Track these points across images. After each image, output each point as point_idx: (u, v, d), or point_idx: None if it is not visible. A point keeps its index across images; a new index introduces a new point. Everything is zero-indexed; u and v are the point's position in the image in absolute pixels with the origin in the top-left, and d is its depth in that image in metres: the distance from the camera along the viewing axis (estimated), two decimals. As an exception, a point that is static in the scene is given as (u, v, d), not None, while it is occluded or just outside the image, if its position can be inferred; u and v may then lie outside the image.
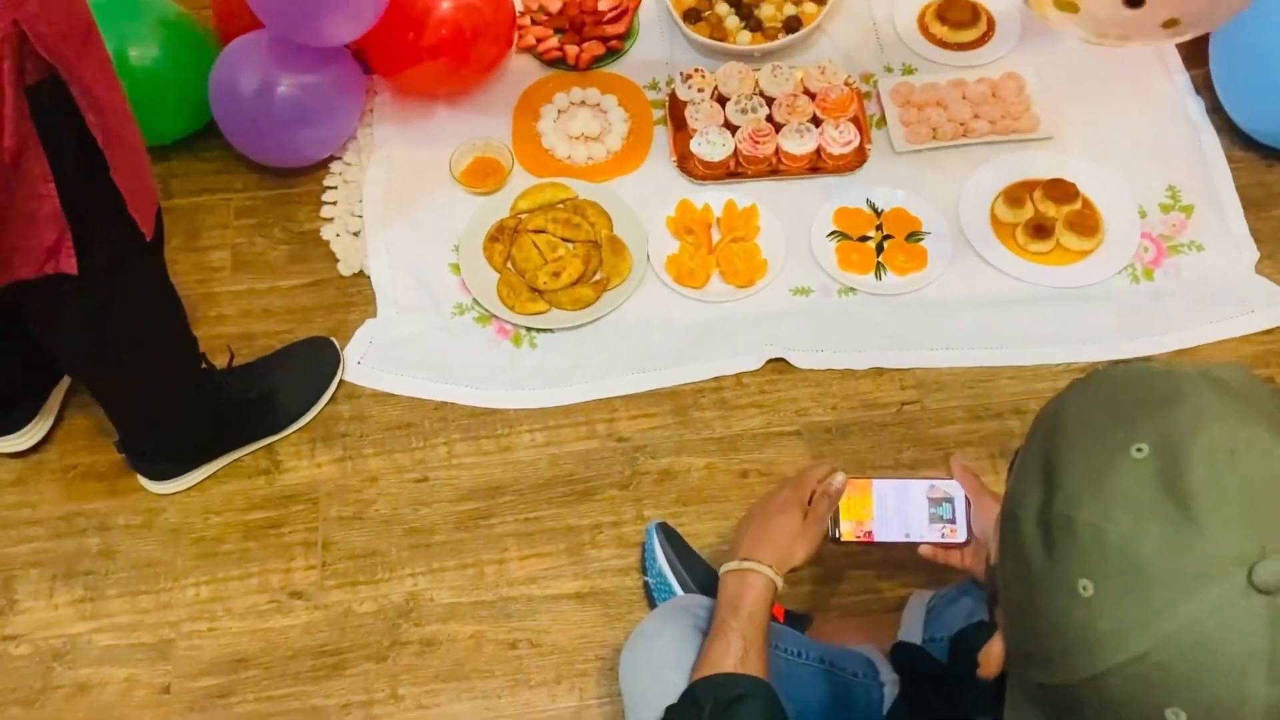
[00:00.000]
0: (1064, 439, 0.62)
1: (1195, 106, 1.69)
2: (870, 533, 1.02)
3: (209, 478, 1.42)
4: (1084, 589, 0.56)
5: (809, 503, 1.03)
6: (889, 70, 1.75)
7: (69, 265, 1.02)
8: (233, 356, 1.43)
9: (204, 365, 1.36)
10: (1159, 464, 0.56)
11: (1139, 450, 0.57)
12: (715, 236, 1.59)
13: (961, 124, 1.66)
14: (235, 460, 1.43)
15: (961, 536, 1.02)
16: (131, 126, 1.05)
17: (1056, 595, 0.58)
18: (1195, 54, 1.73)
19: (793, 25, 1.74)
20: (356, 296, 1.56)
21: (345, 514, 1.40)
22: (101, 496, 1.42)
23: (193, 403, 1.34)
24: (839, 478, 1.04)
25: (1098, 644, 0.56)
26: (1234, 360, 0.61)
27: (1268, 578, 0.53)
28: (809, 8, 1.77)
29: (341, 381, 1.48)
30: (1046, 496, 0.60)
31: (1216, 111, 1.67)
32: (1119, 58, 1.75)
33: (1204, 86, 1.69)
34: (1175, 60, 1.74)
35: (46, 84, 0.93)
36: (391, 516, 1.40)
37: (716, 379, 1.49)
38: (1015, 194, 1.59)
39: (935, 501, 1.02)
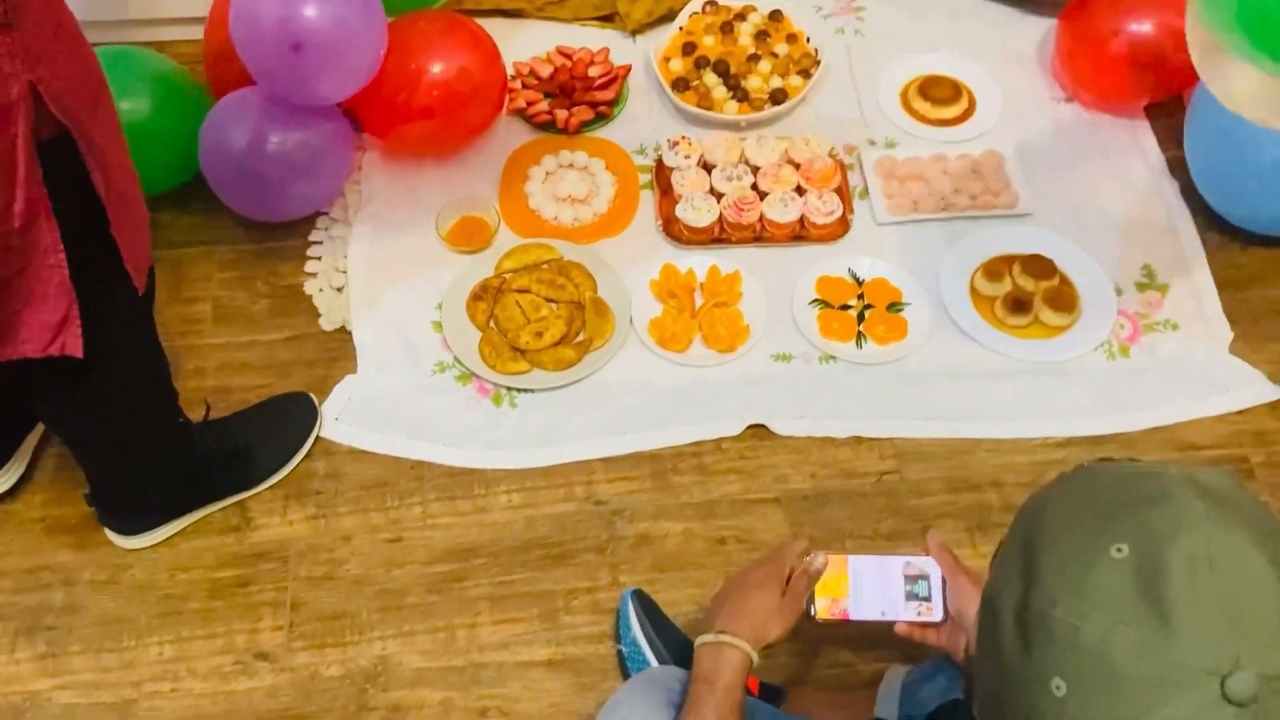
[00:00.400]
0: (1045, 533, 0.62)
1: (1170, 188, 1.73)
2: (845, 611, 1.02)
3: (178, 533, 1.40)
4: (1057, 688, 0.56)
5: (788, 579, 1.03)
6: (872, 143, 1.78)
7: (74, 346, 1.00)
8: (209, 410, 1.41)
9: (180, 419, 1.35)
10: (1138, 566, 0.56)
11: (1119, 551, 0.57)
12: (698, 301, 1.60)
13: (942, 198, 1.69)
14: (206, 516, 1.41)
15: (938, 615, 1.01)
16: (134, 183, 1.05)
17: (1029, 692, 0.57)
18: (1170, 136, 1.77)
19: (778, 97, 1.78)
20: (337, 352, 1.56)
21: (315, 574, 1.38)
22: (69, 550, 1.40)
23: (168, 457, 1.32)
24: (820, 558, 1.04)
25: None
26: (1220, 467, 0.62)
27: (1241, 689, 0.52)
28: (795, 80, 1.80)
29: (318, 438, 1.47)
30: (1025, 591, 0.60)
31: (1191, 193, 1.70)
32: (1097, 140, 1.79)
33: (1179, 168, 1.73)
34: (1151, 142, 1.79)
35: (54, 143, 0.92)
36: (363, 577, 1.38)
37: (696, 443, 1.49)
38: (994, 268, 1.61)
39: (911, 579, 1.01)
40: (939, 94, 1.81)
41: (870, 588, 1.02)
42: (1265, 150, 1.55)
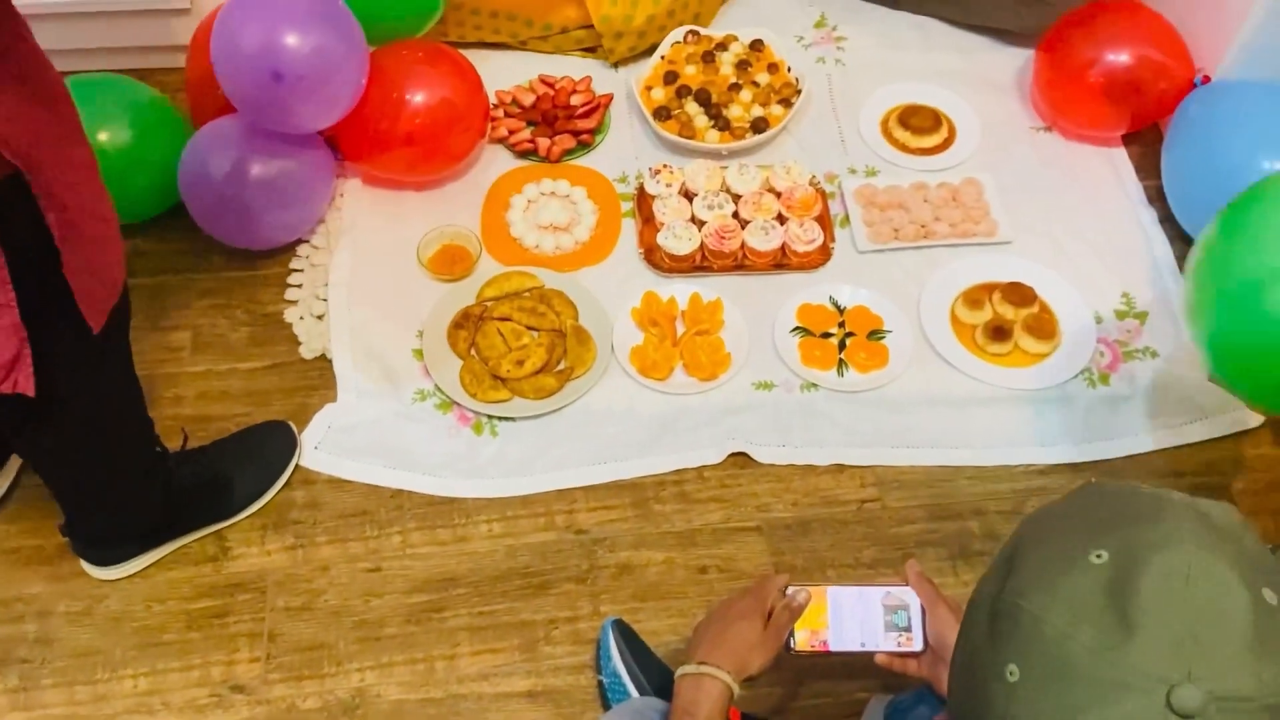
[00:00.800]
0: (1035, 535, 0.63)
1: (1148, 216, 1.74)
2: (825, 642, 1.01)
3: (154, 564, 1.38)
4: (1011, 674, 0.57)
5: (769, 613, 1.03)
6: (853, 172, 1.79)
7: (26, 385, 0.98)
8: (186, 439, 1.40)
9: (157, 448, 1.34)
10: (1113, 572, 0.57)
11: (1098, 556, 0.58)
12: (680, 329, 1.60)
13: (923, 226, 1.70)
14: (183, 546, 1.40)
15: (918, 645, 1.01)
16: (100, 225, 1.03)
17: (987, 678, 0.58)
18: (1148, 165, 1.79)
19: (760, 126, 1.79)
20: (317, 380, 1.55)
21: (293, 604, 1.36)
22: (43, 581, 1.38)
23: (142, 488, 1.31)
24: (802, 594, 1.04)
25: None
26: (1227, 504, 0.64)
27: (1186, 701, 0.53)
28: (776, 110, 1.82)
29: (297, 467, 1.46)
30: (1002, 584, 0.62)
31: (1169, 221, 1.72)
32: (1076, 168, 1.81)
33: (1156, 197, 1.75)
34: (1128, 171, 1.80)
35: (7, 183, 0.91)
36: (341, 608, 1.36)
37: (678, 471, 1.48)
38: (974, 296, 1.62)
39: (890, 609, 1.01)
40: (919, 123, 1.83)
41: (850, 619, 1.02)
42: (1241, 179, 1.57)
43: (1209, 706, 0.53)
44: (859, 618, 1.02)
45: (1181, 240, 1.70)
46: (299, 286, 1.64)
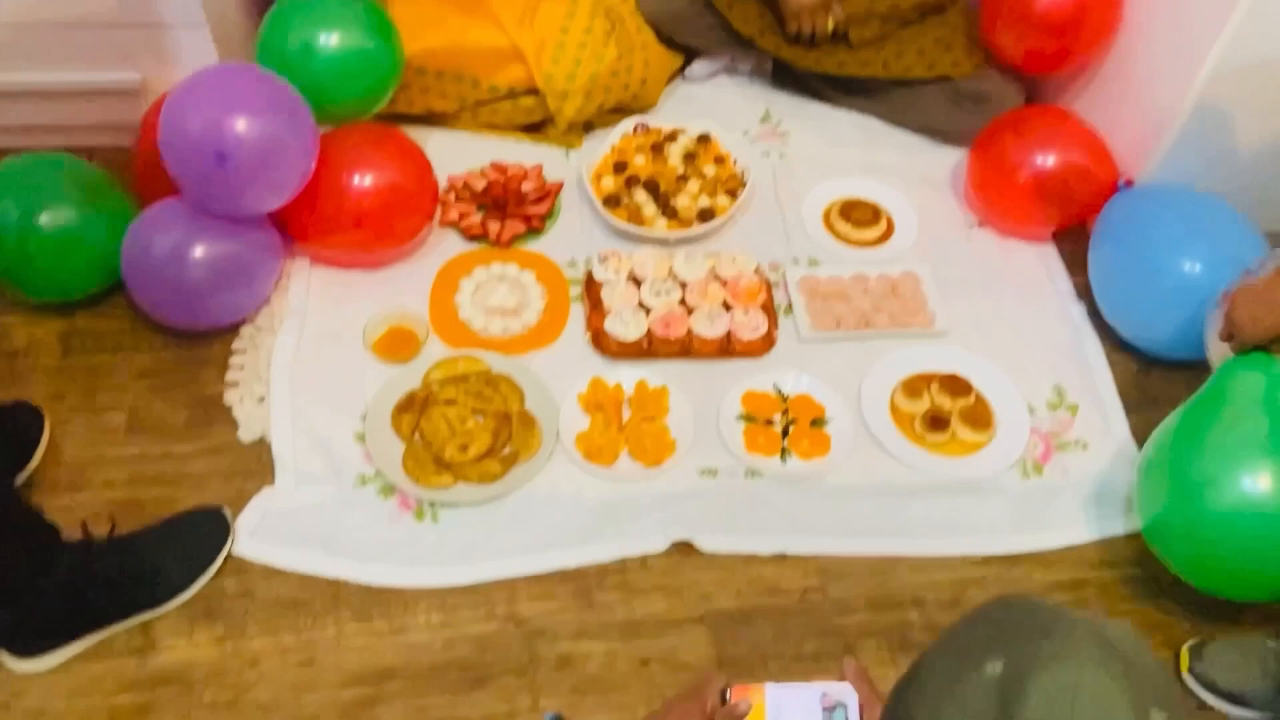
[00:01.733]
0: (938, 647, 0.65)
1: (1077, 311, 1.80)
2: (764, 745, 1.00)
3: (77, 656, 1.33)
4: None
5: (710, 716, 1.02)
6: (796, 262, 1.84)
7: None
8: (114, 526, 1.36)
9: (82, 535, 1.29)
10: (1004, 685, 0.59)
11: (993, 668, 0.60)
12: (626, 414, 1.61)
13: (863, 316, 1.74)
14: (108, 637, 1.35)
15: (856, 745, 1.00)
16: None
17: None
18: (1076, 261, 1.86)
19: (706, 215, 1.83)
20: (255, 465, 1.52)
21: (220, 699, 1.32)
22: (-45, 675, 1.32)
23: (39, 585, 1.25)
24: (743, 705, 1.03)
25: None
26: (1126, 625, 0.66)
27: None
28: (722, 200, 1.86)
29: (230, 555, 1.42)
30: (900, 694, 0.63)
31: (1097, 317, 1.78)
32: (1008, 263, 1.87)
33: (1085, 292, 1.81)
34: (1059, 267, 1.87)
35: None
36: (270, 703, 1.32)
37: (621, 560, 1.47)
38: (913, 385, 1.66)
39: (829, 709, 1.00)
40: (859, 216, 1.88)
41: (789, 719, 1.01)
42: (1162, 278, 1.64)
43: None
44: (797, 718, 1.01)
45: (1110, 335, 1.76)
46: (241, 368, 1.62)
